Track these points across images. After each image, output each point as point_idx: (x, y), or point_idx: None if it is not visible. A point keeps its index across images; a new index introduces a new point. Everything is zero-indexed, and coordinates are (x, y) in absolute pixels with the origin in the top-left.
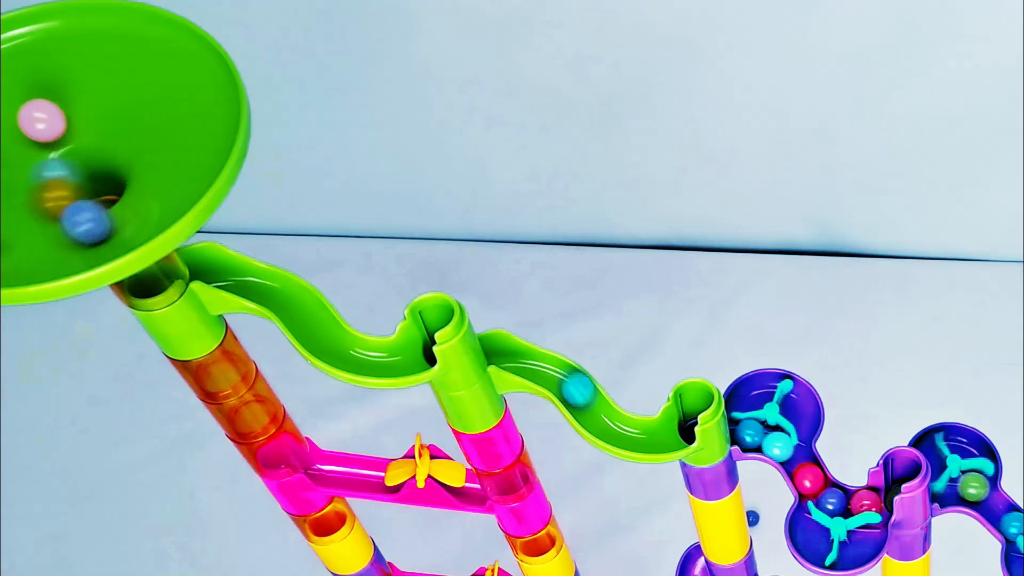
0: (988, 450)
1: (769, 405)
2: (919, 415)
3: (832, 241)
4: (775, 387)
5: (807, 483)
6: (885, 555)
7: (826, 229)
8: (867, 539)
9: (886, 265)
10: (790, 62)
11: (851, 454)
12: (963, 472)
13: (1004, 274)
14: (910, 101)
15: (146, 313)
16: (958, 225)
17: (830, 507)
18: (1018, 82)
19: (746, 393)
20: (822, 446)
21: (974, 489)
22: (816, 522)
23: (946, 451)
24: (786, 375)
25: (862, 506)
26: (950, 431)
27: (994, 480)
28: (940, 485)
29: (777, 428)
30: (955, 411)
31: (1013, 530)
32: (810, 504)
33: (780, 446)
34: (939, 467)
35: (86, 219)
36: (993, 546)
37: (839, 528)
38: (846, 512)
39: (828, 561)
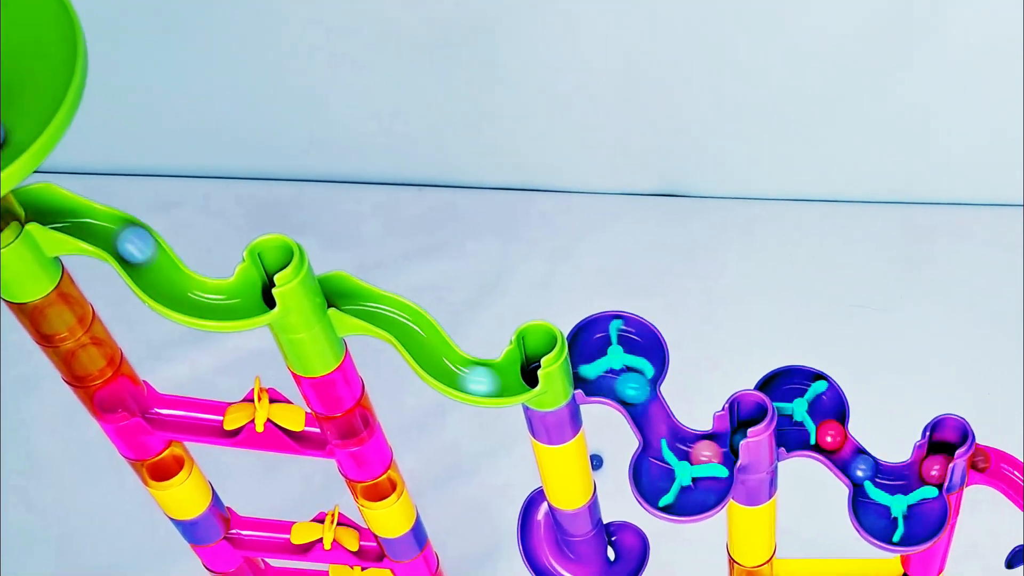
0: (836, 396)
1: (613, 348)
2: (766, 358)
3: (676, 186)
4: (618, 330)
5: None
6: (731, 500)
7: (670, 174)
8: (713, 483)
9: (732, 207)
10: (635, 6)
11: (697, 398)
12: (810, 410)
13: (850, 215)
14: (753, 44)
15: None
16: (804, 167)
17: (680, 453)
18: (853, 25)
19: (590, 336)
20: (671, 389)
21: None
22: (661, 466)
23: (792, 395)
24: (627, 316)
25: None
26: (795, 374)
27: (841, 422)
28: (785, 430)
29: (625, 370)
30: (802, 354)
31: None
32: (663, 441)
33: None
34: (787, 412)
35: None
36: (841, 491)
37: (683, 473)
38: (691, 457)
39: (662, 502)
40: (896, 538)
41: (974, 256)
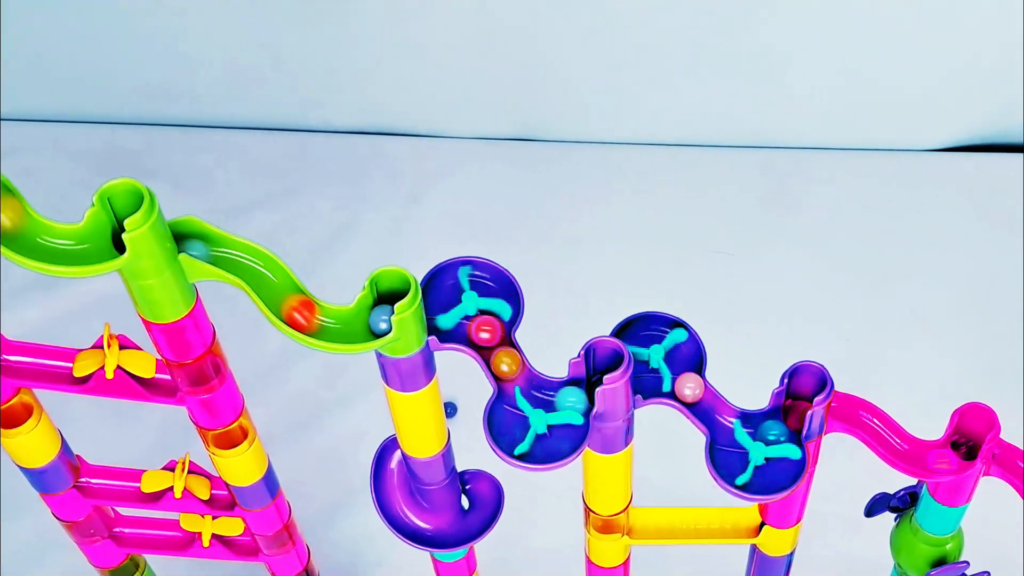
0: (694, 343)
1: (467, 294)
2: (623, 304)
3: (531, 130)
4: (476, 276)
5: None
6: (586, 447)
7: (525, 118)
8: (569, 431)
9: (588, 152)
10: None
11: (553, 344)
12: (667, 357)
13: (708, 160)
14: None
15: None
16: (661, 111)
17: (535, 401)
18: None
19: (444, 282)
20: (524, 336)
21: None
22: (516, 414)
23: (648, 342)
24: (482, 262)
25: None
26: (652, 321)
27: (699, 371)
28: (642, 376)
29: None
30: (660, 300)
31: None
32: (516, 389)
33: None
34: (643, 358)
35: None
36: (698, 438)
37: (538, 421)
38: (547, 405)
39: (518, 451)
40: (754, 486)
41: (833, 201)
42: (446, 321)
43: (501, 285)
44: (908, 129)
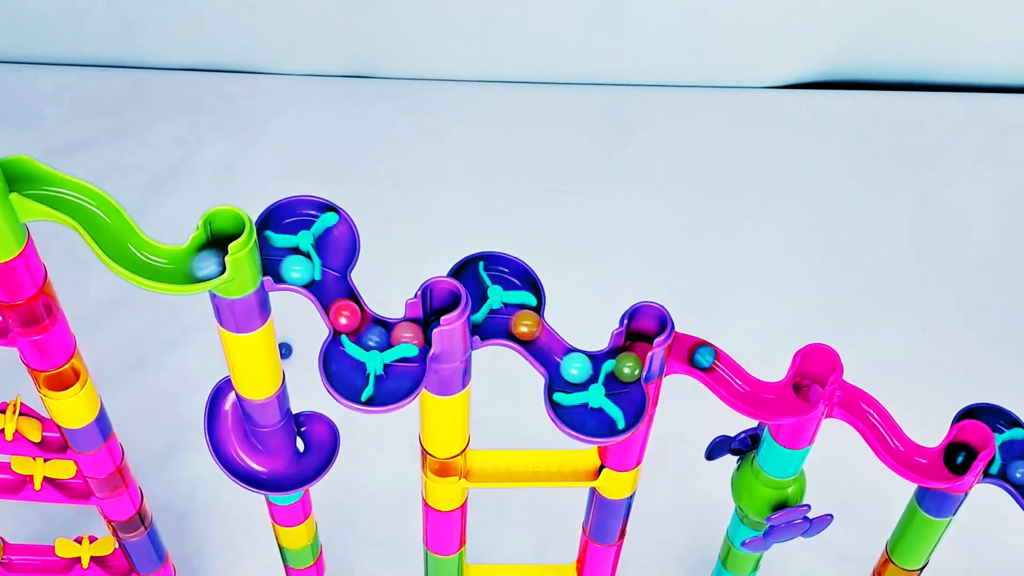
0: (531, 282)
1: (303, 233)
2: (460, 244)
3: (366, 67)
4: (310, 215)
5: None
6: (423, 389)
7: (360, 54)
8: (405, 373)
9: (425, 89)
10: None
11: (390, 285)
12: (505, 304)
13: (546, 97)
14: None
15: None
16: (499, 48)
17: (372, 343)
18: None
19: (279, 221)
20: (361, 277)
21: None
22: (352, 356)
23: (488, 281)
24: (321, 203)
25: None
26: (491, 260)
27: (537, 311)
28: (481, 317)
29: (311, 258)
30: (498, 240)
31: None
32: (343, 337)
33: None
34: (480, 298)
35: None
36: (537, 381)
37: (375, 362)
38: (387, 346)
39: (364, 396)
40: (596, 430)
41: (674, 139)
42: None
43: (337, 225)
44: (750, 66)
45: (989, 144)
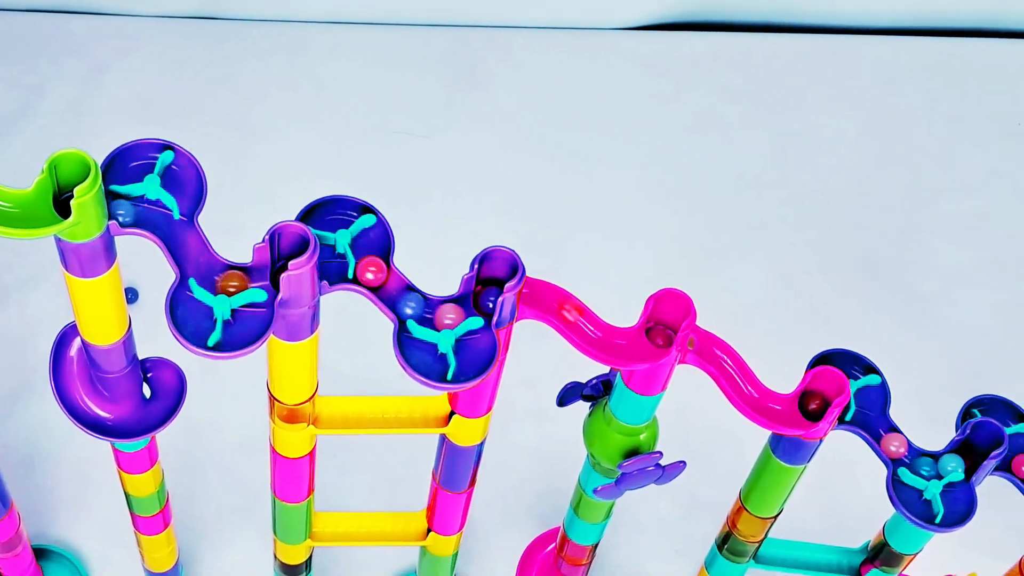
0: (380, 226)
1: (149, 177)
2: (309, 188)
3: (213, 8)
4: (156, 158)
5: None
6: (271, 335)
7: None
8: (253, 318)
9: (271, 30)
10: None
11: (238, 230)
12: (353, 249)
13: (392, 38)
14: None
15: None
16: None
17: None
18: None
19: (125, 165)
20: (210, 222)
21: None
22: (199, 301)
23: (336, 227)
24: (167, 145)
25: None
26: (339, 204)
27: (386, 256)
28: (330, 262)
29: (157, 202)
30: (345, 183)
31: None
32: (191, 281)
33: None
34: (329, 243)
35: None
36: (387, 327)
37: (223, 306)
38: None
39: (211, 341)
40: (448, 375)
41: (524, 80)
42: (128, 204)
43: (184, 169)
44: (601, 7)
45: (843, 86)
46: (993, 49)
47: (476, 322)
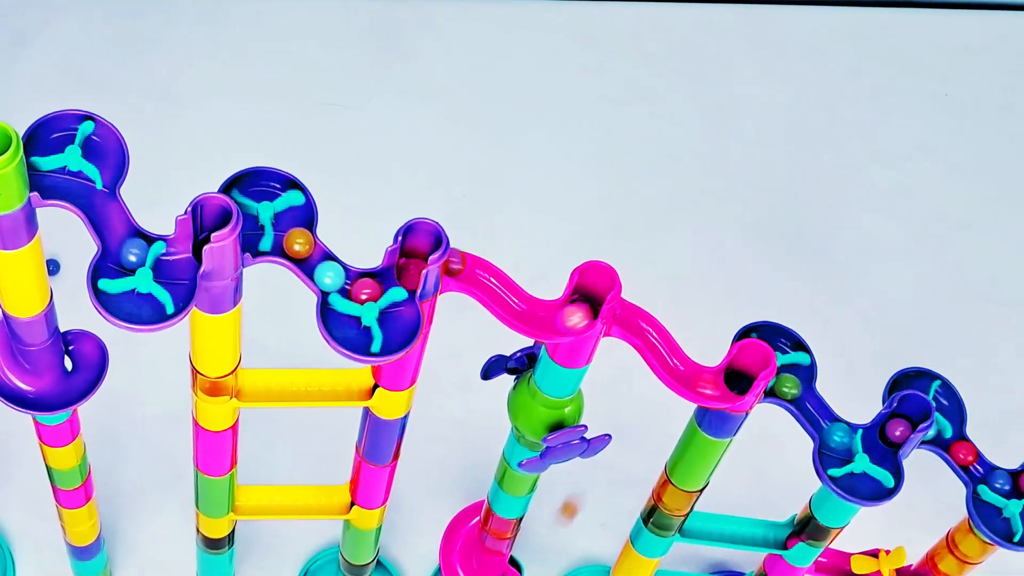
0: (303, 198)
1: (71, 148)
2: (233, 159)
3: None
4: (76, 129)
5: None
6: (195, 308)
7: None
8: (176, 289)
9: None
10: None
11: (161, 201)
12: (277, 220)
13: (318, 7)
14: None
15: None
16: None
17: (132, 258)
18: None
19: (46, 136)
20: (133, 194)
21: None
22: (119, 272)
23: (260, 198)
24: (88, 116)
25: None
26: (262, 176)
27: (310, 227)
28: (253, 234)
29: (79, 173)
30: (271, 155)
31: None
32: (124, 245)
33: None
34: (252, 215)
35: None
36: (311, 299)
37: (144, 279)
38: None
39: (134, 314)
40: (372, 348)
41: (449, 49)
42: (49, 176)
43: (105, 140)
44: None
45: (768, 57)
46: (919, 20)
47: (399, 293)
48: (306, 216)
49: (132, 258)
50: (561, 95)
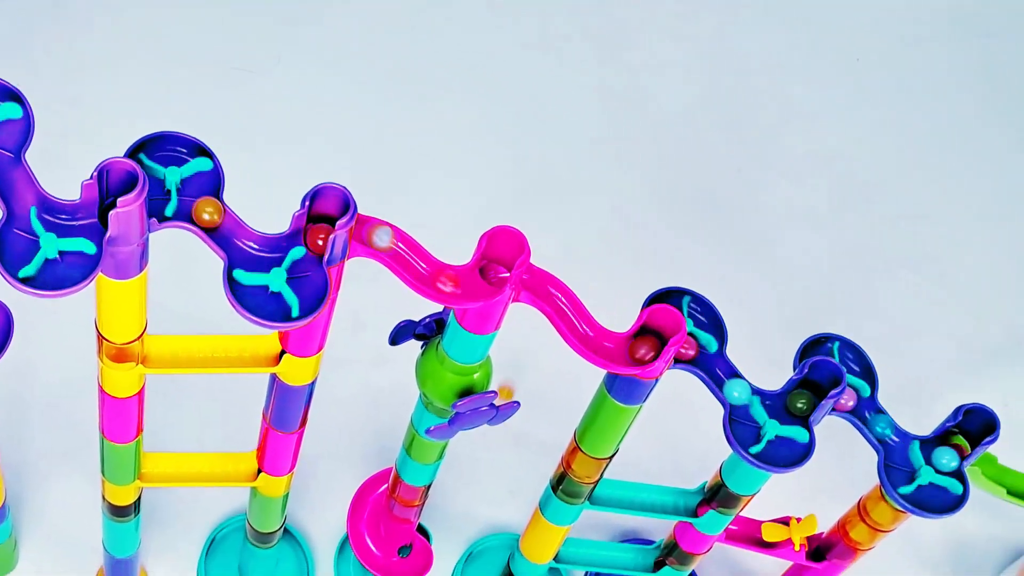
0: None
1: None
2: (139, 125)
3: None
4: None
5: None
6: (100, 274)
7: None
8: (80, 258)
9: None
10: None
11: (67, 166)
12: (183, 184)
13: None
14: None
15: None
16: None
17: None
18: None
19: None
20: (35, 159)
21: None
22: (27, 238)
23: (167, 163)
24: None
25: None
26: (169, 140)
27: (217, 193)
28: (160, 199)
29: None
30: (178, 121)
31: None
32: (32, 210)
33: None
34: (158, 180)
35: None
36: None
37: (50, 245)
38: (60, 229)
39: (34, 277)
40: (279, 314)
41: (356, 16)
42: None
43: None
44: None
45: (680, 21)
46: None
47: (299, 251)
48: (213, 181)
49: (40, 223)
50: (470, 58)
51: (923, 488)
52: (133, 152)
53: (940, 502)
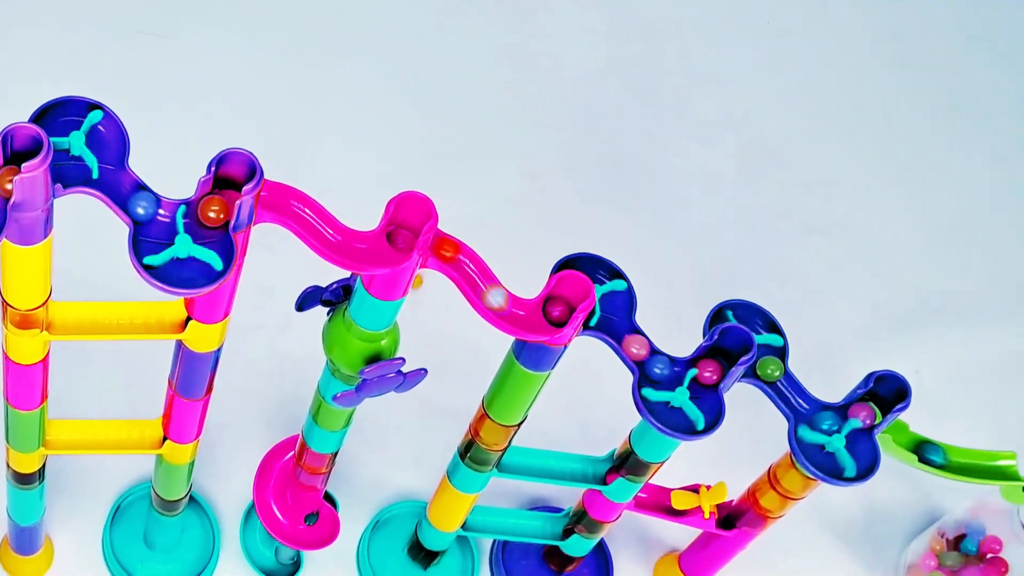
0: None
1: None
2: (44, 88)
3: None
4: None
5: None
6: (4, 239)
7: None
8: None
9: None
10: None
11: None
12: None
13: None
14: None
15: None
16: None
17: None
18: None
19: None
20: None
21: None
22: None
23: (70, 128)
24: None
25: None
26: (74, 105)
27: (121, 160)
28: (65, 164)
29: None
30: (83, 85)
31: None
32: None
33: None
34: (64, 146)
35: None
36: (122, 229)
37: None
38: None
39: None
40: (180, 280)
41: None
42: None
43: None
44: None
45: None
46: None
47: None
48: (117, 146)
49: None
50: (377, 21)
51: (830, 455)
52: (37, 117)
53: (849, 469)
